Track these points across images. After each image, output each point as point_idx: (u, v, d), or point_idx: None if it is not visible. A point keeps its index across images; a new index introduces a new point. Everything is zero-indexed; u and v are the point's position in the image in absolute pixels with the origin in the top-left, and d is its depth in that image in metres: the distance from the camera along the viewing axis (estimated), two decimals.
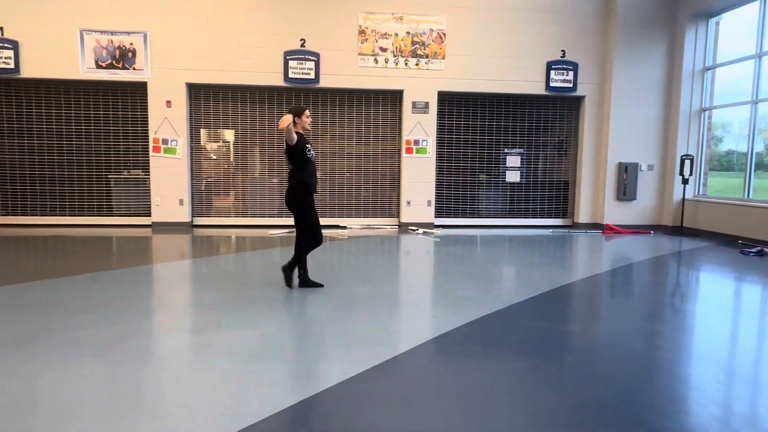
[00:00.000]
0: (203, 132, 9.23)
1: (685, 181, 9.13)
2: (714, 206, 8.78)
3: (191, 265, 5.99)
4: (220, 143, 9.35)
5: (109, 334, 3.43)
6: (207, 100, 9.13)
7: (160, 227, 8.82)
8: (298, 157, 4.52)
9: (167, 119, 8.76)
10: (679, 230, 9.20)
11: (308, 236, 4.66)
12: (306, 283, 4.77)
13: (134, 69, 8.60)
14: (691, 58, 9.26)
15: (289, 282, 4.73)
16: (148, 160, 8.87)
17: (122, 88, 8.84)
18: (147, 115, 8.80)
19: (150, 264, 5.97)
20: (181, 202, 8.93)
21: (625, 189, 9.50)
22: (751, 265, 6.28)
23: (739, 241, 8.01)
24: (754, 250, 7.21)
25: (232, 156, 9.37)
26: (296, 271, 4.78)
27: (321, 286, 4.78)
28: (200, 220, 9.28)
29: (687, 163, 9.09)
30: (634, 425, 2.34)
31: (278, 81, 8.92)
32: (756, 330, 3.97)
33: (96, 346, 3.21)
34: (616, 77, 9.34)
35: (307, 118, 4.67)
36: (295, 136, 4.37)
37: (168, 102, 8.72)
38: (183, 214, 8.96)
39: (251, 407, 2.46)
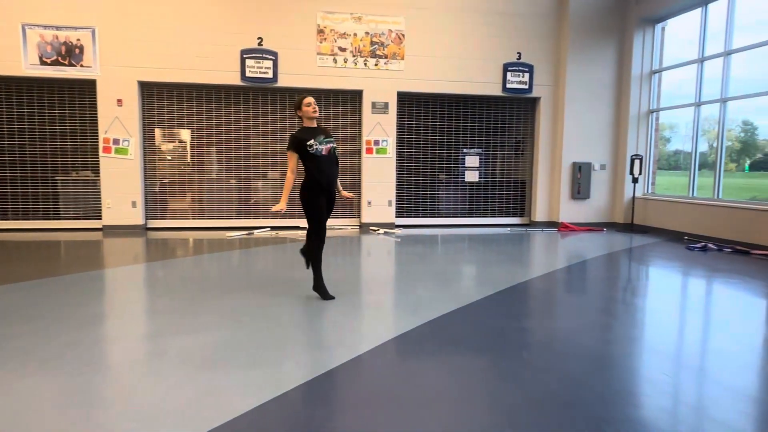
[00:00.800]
0: (157, 132, 8.95)
1: (635, 180, 9.49)
2: (662, 204, 9.17)
3: (145, 270, 5.79)
4: (176, 143, 9.09)
5: (55, 344, 3.27)
6: (161, 99, 8.86)
7: (111, 231, 8.50)
8: (301, 155, 4.35)
9: (118, 118, 8.45)
10: (629, 227, 9.56)
11: (314, 235, 4.42)
12: (318, 288, 4.44)
13: (82, 66, 8.25)
14: (639, 62, 9.64)
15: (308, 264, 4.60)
16: (98, 160, 8.53)
17: (69, 85, 8.47)
18: (96, 114, 8.46)
19: (101, 269, 5.74)
20: (133, 204, 8.63)
21: (579, 188, 9.79)
22: (696, 260, 6.59)
23: (685, 237, 8.39)
24: (698, 245, 7.57)
25: (188, 156, 9.13)
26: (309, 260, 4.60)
27: (332, 298, 4.39)
28: (155, 223, 9.00)
29: (637, 162, 9.45)
30: (584, 417, 2.41)
31: (235, 80, 8.75)
32: (701, 322, 4.16)
33: (41, 357, 3.06)
34: (570, 79, 9.62)
35: (307, 107, 4.37)
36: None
37: (119, 101, 8.41)
38: (136, 217, 8.66)
39: (206, 415, 2.39)
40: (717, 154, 8.25)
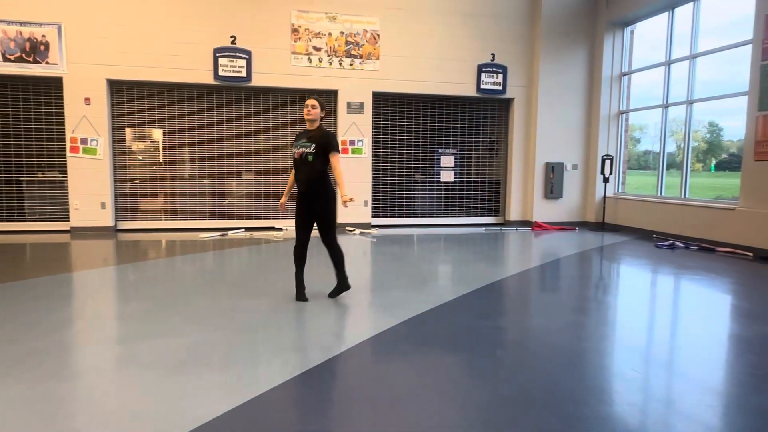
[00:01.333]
0: (128, 131, 8.75)
1: (605, 180, 9.69)
2: (631, 203, 9.38)
3: (114, 273, 5.66)
4: (147, 143, 8.90)
5: (20, 350, 3.16)
6: (131, 98, 8.66)
7: (80, 232, 8.28)
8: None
9: (86, 117, 8.23)
10: (601, 226, 9.75)
11: (332, 231, 4.50)
12: (296, 287, 4.54)
13: (47, 63, 8.01)
14: (609, 64, 9.84)
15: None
16: (65, 160, 8.30)
17: (34, 83, 8.21)
18: (63, 112, 8.23)
19: (68, 272, 5.58)
20: (103, 205, 8.42)
21: (552, 188, 9.95)
22: (664, 258, 6.76)
23: (654, 235, 8.60)
24: (666, 243, 7.77)
25: (160, 156, 8.95)
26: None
27: (305, 300, 4.44)
28: (125, 225, 8.79)
29: (607, 162, 9.65)
30: (556, 415, 2.44)
31: (208, 79, 8.62)
32: (669, 318, 4.26)
33: (5, 363, 2.95)
34: (543, 81, 9.76)
35: (304, 108, 4.33)
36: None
37: (87, 99, 8.19)
38: (105, 218, 8.45)
39: (176, 420, 2.34)
40: (684, 155, 8.49)
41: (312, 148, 4.22)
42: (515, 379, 2.86)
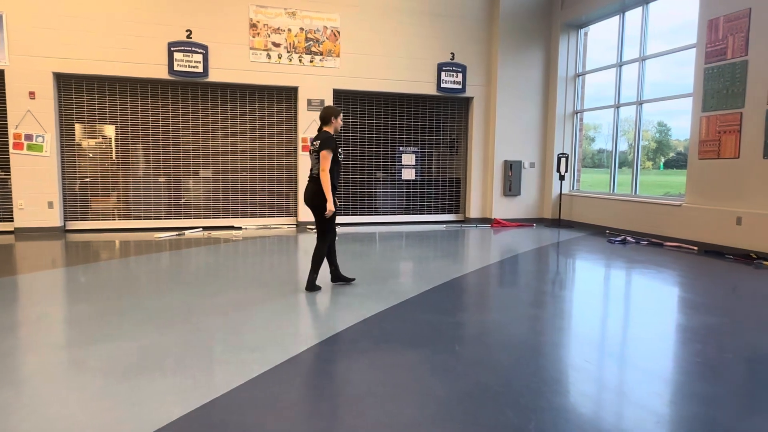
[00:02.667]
0: (78, 127, 8.39)
1: (561, 178, 9.96)
2: (586, 200, 9.68)
3: (63, 275, 5.41)
4: (99, 139, 8.56)
5: None
6: (80, 92, 8.30)
7: (25, 233, 7.88)
8: (336, 160, 4.61)
9: (30, 112, 7.85)
10: (557, 222, 10.03)
11: (328, 234, 4.65)
12: (339, 278, 4.92)
13: None
14: (564, 65, 10.11)
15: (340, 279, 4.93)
16: (8, 158, 7.88)
17: None
18: (5, 107, 7.81)
19: (12, 275, 5.30)
20: (50, 204, 8.04)
21: (511, 185, 10.15)
22: (616, 253, 7.01)
23: (607, 231, 8.90)
24: (618, 238, 8.06)
25: (113, 154, 8.62)
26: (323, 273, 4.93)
27: (352, 279, 5.01)
28: (75, 225, 8.43)
29: (563, 161, 9.92)
30: (512, 407, 2.49)
31: (162, 74, 8.36)
32: (620, 311, 4.42)
33: None
34: (501, 80, 9.94)
35: (340, 121, 4.80)
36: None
37: (31, 93, 7.81)
38: (53, 218, 8.08)
39: (129, 426, 2.26)
40: (634, 153, 8.81)
41: (316, 145, 4.64)
42: (473, 373, 2.90)
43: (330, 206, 4.46)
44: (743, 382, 2.84)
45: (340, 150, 4.67)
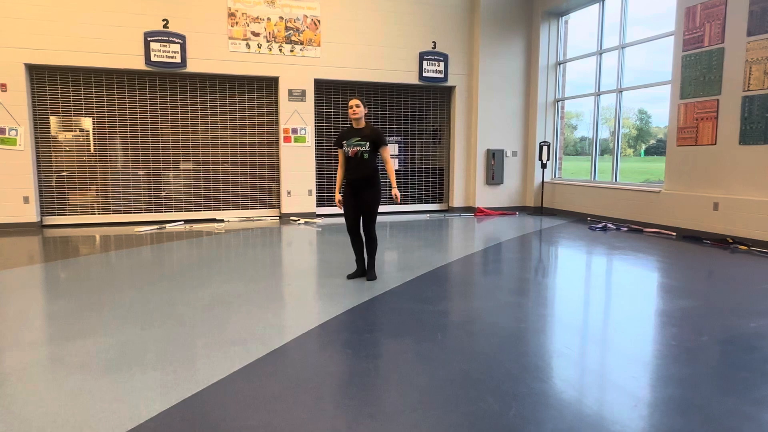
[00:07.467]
0: (53, 120, 8.20)
1: (543, 166, 10.04)
2: (567, 187, 9.77)
3: (41, 271, 5.31)
4: (76, 132, 8.38)
5: None
6: (54, 84, 8.11)
7: None
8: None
9: (2, 105, 7.64)
10: (539, 210, 10.11)
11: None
12: (369, 269, 4.88)
13: None
14: (545, 53, 10.14)
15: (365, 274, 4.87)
16: None
17: None
18: None
19: None
20: (26, 200, 7.87)
21: (494, 174, 10.20)
22: (597, 239, 7.10)
23: (588, 218, 9.01)
24: (599, 225, 8.16)
25: (91, 146, 8.45)
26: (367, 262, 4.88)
27: (360, 276, 4.89)
28: (52, 220, 8.27)
29: (545, 149, 9.99)
30: (493, 393, 2.51)
31: (139, 64, 8.19)
32: (601, 296, 4.49)
33: None
34: (482, 69, 9.94)
35: (349, 109, 4.67)
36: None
37: (2, 85, 7.60)
38: (29, 214, 7.92)
39: (108, 423, 2.24)
40: (615, 141, 8.91)
41: (367, 146, 4.55)
42: (455, 361, 2.93)
43: (338, 196, 4.78)
44: (717, 365, 2.91)
45: (344, 142, 4.67)
